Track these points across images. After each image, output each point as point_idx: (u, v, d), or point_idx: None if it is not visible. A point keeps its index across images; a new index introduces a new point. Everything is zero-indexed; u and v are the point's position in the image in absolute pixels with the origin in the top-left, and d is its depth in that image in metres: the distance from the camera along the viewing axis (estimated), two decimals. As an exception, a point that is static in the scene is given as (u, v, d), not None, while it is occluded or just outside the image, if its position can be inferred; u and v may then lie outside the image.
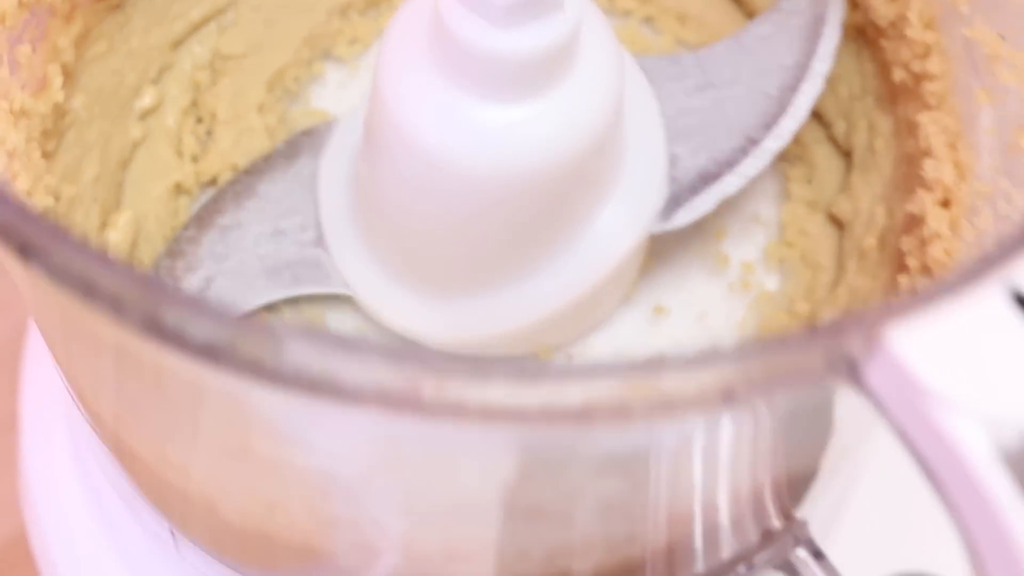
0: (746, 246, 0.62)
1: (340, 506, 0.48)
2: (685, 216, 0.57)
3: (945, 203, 0.55)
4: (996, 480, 0.35)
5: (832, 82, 0.62)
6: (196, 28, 0.63)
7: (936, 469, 0.35)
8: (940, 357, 0.35)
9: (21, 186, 0.52)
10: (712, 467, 0.45)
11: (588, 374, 0.36)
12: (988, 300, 0.36)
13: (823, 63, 0.59)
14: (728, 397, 0.36)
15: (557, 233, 0.55)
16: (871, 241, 0.58)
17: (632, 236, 0.56)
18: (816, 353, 0.36)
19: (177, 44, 0.63)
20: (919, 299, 0.36)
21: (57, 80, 0.57)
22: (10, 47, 0.54)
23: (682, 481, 0.45)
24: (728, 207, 0.62)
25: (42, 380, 0.69)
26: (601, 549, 0.49)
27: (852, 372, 0.36)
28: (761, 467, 0.48)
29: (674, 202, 0.57)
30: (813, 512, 0.55)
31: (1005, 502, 0.34)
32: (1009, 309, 0.36)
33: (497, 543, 0.48)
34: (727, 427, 0.41)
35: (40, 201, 0.53)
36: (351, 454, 0.45)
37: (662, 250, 0.61)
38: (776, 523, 0.53)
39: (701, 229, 0.62)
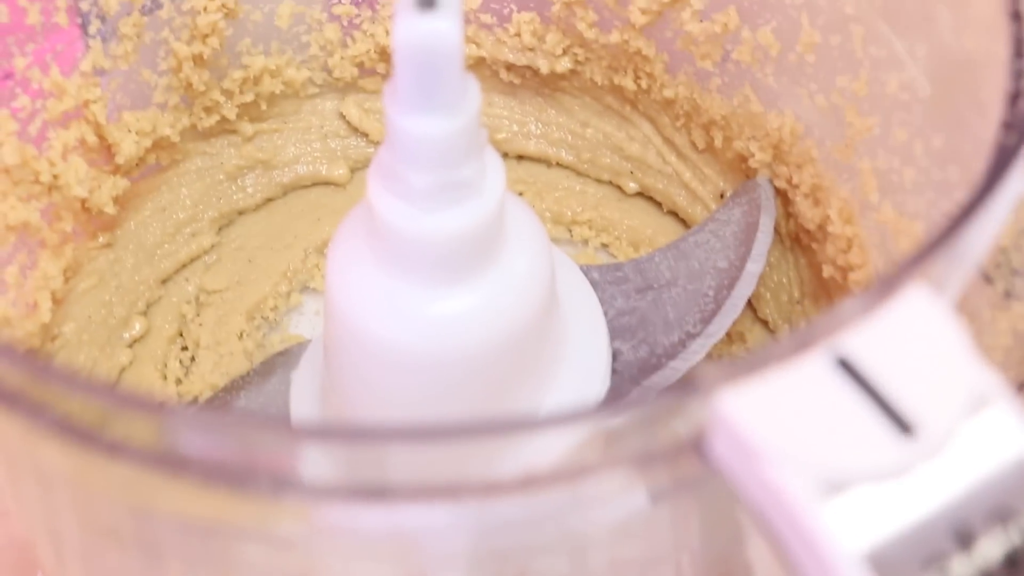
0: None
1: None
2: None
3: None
4: (817, 516, 0.37)
5: (775, 290, 0.66)
6: (183, 266, 0.69)
7: (763, 514, 0.38)
8: (771, 419, 0.38)
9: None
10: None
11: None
12: (813, 365, 0.39)
13: (756, 264, 0.63)
14: (583, 471, 0.38)
15: (498, 419, 0.58)
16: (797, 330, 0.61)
17: (573, 427, 0.59)
18: (661, 423, 0.39)
19: (165, 280, 0.68)
20: (751, 364, 0.39)
21: (46, 305, 0.61)
22: (-1, 268, 0.59)
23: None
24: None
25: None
26: None
27: (697, 444, 0.39)
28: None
29: (616, 393, 0.60)
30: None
31: (820, 527, 0.36)
32: (831, 373, 0.38)
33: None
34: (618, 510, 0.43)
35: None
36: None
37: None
38: None
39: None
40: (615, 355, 0.61)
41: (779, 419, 0.38)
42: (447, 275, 0.54)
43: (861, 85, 0.59)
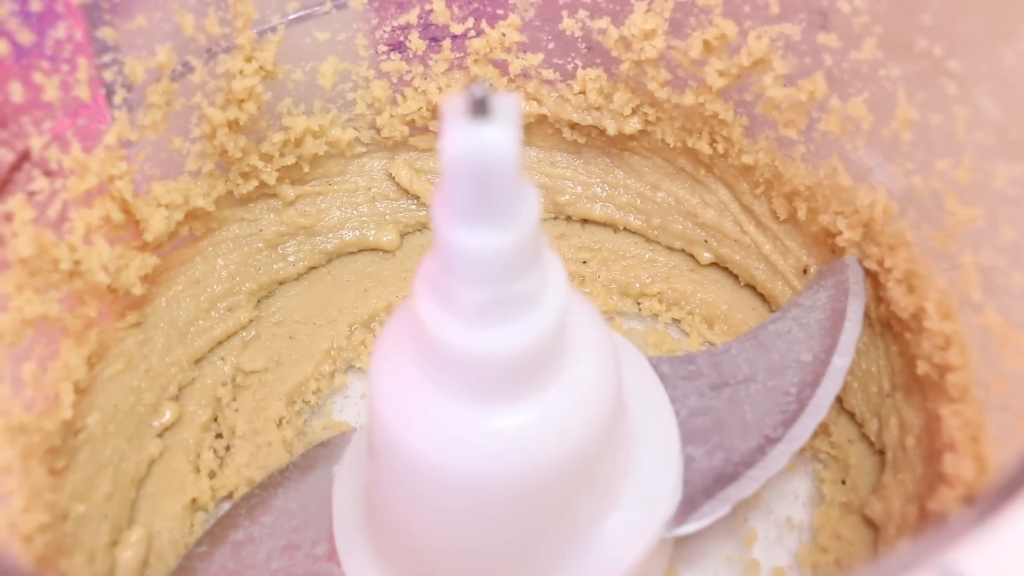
0: (778, 551, 0.59)
1: None
2: (700, 521, 0.55)
3: (968, 500, 0.52)
4: None
5: (862, 379, 0.60)
6: (218, 343, 0.64)
7: None
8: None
9: (16, 503, 0.52)
10: None
11: None
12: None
13: (843, 358, 0.58)
14: None
15: (560, 541, 0.53)
16: (905, 544, 0.55)
17: (643, 542, 0.54)
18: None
19: (199, 360, 0.63)
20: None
21: (68, 398, 0.57)
22: (14, 365, 0.54)
23: None
24: (759, 510, 0.60)
25: None
26: None
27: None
28: None
29: (688, 505, 0.55)
30: None
31: None
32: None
33: None
34: None
35: (36, 519, 0.53)
36: None
37: (689, 555, 0.59)
38: None
39: (731, 533, 0.59)
40: (687, 462, 0.56)
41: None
42: (504, 392, 0.49)
43: (964, 172, 0.53)
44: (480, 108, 0.43)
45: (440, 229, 0.46)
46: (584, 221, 0.68)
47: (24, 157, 0.54)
